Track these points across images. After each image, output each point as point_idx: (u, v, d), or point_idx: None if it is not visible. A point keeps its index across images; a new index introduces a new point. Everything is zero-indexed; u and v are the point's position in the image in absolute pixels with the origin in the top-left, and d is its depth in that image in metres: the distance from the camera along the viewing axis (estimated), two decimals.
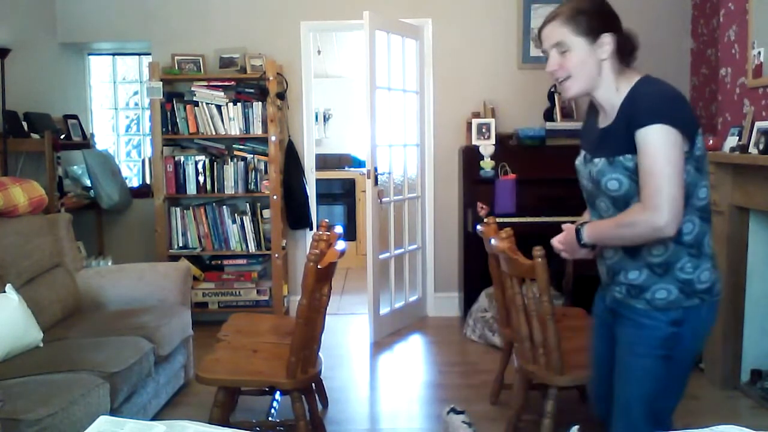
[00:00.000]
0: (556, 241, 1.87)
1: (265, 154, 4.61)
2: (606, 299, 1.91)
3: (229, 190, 4.66)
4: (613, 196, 1.72)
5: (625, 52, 1.74)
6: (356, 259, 6.42)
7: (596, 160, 1.75)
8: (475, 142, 4.52)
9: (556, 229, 1.92)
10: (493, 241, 2.71)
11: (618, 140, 1.68)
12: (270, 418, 3.11)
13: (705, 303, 1.73)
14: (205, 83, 4.59)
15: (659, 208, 1.58)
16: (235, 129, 4.61)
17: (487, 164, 4.46)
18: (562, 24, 1.70)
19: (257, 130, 4.59)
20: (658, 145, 1.59)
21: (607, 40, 1.69)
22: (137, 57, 5.43)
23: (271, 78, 4.50)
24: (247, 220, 4.66)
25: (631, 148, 1.65)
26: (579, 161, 1.88)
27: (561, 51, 1.72)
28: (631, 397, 1.80)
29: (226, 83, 4.60)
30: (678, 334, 1.72)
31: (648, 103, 1.64)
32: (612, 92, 1.73)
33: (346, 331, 4.66)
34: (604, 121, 1.77)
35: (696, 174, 1.68)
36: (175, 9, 4.79)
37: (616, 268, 1.80)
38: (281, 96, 4.62)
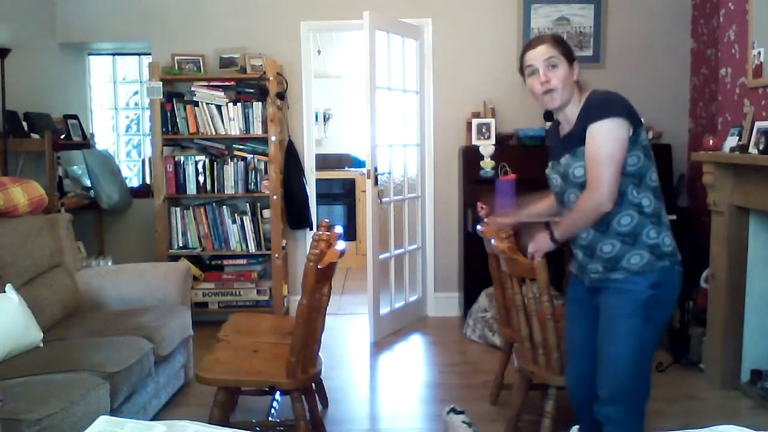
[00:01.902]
0: (532, 249, 2.21)
1: (265, 154, 4.61)
2: (584, 282, 2.14)
3: (229, 190, 4.66)
4: (580, 182, 2.01)
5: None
6: (356, 259, 6.42)
7: (562, 159, 2.07)
8: (475, 142, 4.53)
9: None
10: (493, 241, 2.72)
11: (579, 138, 1.99)
12: (270, 418, 3.10)
13: (674, 268, 2.01)
14: (205, 83, 4.59)
15: (599, 188, 1.91)
16: (235, 129, 4.61)
17: (487, 164, 4.46)
18: (552, 46, 2.05)
19: (257, 130, 4.59)
20: (604, 137, 1.91)
21: (577, 66, 2.08)
22: (137, 57, 5.43)
23: (271, 78, 4.50)
24: (247, 220, 4.66)
25: None
26: (548, 169, 2.19)
27: (551, 65, 2.03)
28: (619, 356, 2.01)
29: (226, 83, 4.59)
30: (656, 297, 1.98)
31: (598, 103, 1.98)
32: (575, 107, 2.06)
33: (346, 331, 4.66)
34: (565, 131, 2.10)
35: (645, 160, 1.99)
36: (175, 9, 4.79)
37: (592, 245, 2.05)
38: (281, 96, 4.62)
